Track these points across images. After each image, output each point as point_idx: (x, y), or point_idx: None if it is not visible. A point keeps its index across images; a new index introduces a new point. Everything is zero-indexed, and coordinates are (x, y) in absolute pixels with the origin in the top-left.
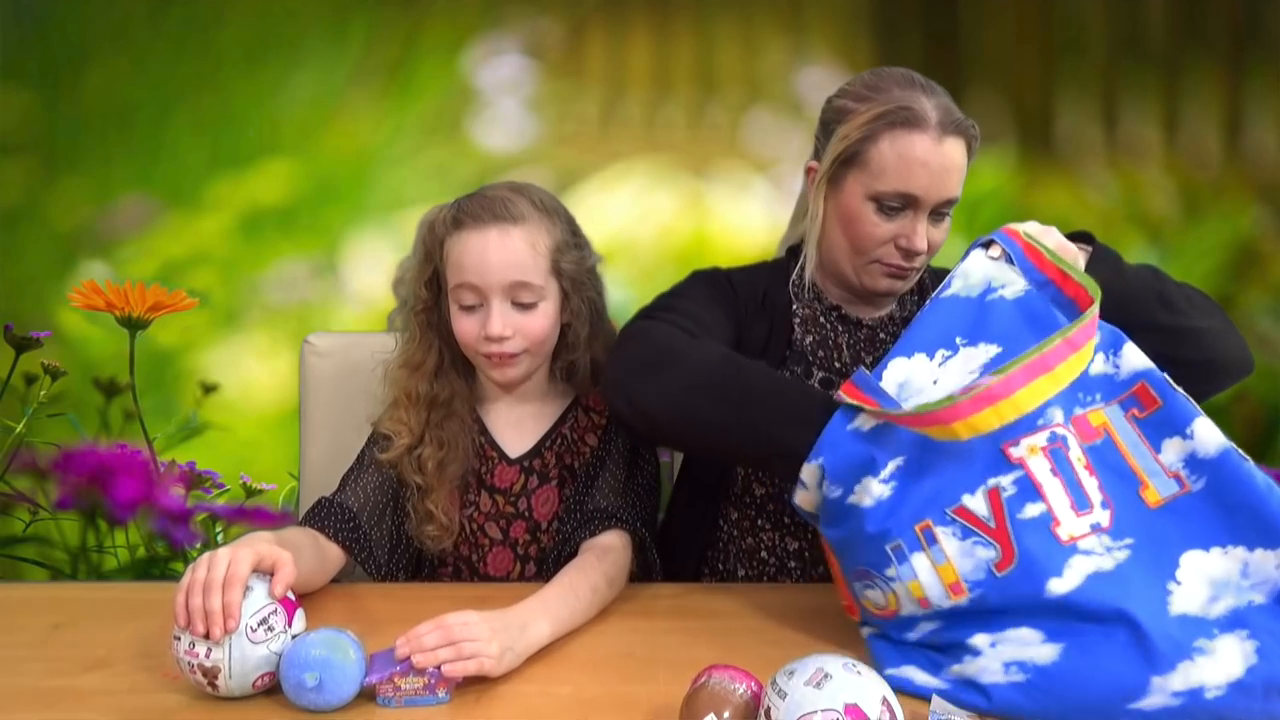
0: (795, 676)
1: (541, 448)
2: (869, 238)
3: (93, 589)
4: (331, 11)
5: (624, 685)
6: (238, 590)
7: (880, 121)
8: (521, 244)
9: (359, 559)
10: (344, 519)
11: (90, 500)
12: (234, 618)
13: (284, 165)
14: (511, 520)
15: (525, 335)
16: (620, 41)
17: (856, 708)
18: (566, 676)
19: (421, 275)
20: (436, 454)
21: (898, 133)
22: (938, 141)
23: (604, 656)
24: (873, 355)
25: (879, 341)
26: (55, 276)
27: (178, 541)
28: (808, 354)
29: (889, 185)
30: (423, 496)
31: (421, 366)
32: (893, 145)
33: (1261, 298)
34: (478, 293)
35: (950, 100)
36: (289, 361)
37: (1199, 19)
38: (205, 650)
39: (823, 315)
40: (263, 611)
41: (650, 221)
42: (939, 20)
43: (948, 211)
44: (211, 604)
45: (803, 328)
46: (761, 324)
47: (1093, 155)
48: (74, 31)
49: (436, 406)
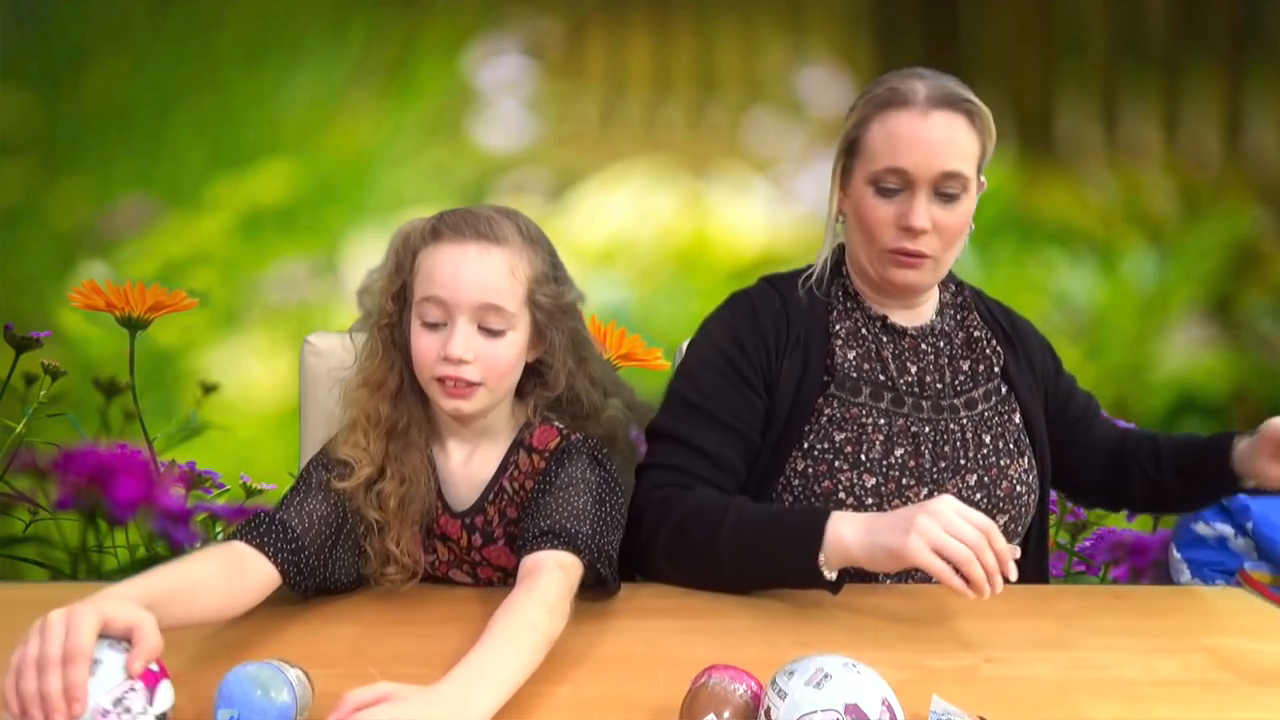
0: (795, 676)
1: (484, 502)
2: (874, 222)
3: (93, 589)
4: (331, 11)
5: (624, 685)
6: (81, 667)
7: (870, 106)
8: (500, 265)
9: (293, 585)
10: (285, 538)
11: (90, 500)
12: (79, 701)
13: (284, 165)
14: (476, 565)
15: (487, 364)
16: (620, 41)
17: (856, 707)
18: (566, 676)
19: (389, 287)
20: (398, 490)
21: (886, 113)
22: (924, 115)
23: (604, 656)
24: (918, 365)
25: (921, 352)
26: (55, 276)
27: (178, 541)
28: (850, 372)
29: (880, 164)
30: (381, 535)
31: (382, 386)
32: (882, 126)
33: (1261, 298)
34: (444, 309)
35: (957, 84)
36: (289, 361)
37: (1199, 19)
38: None
39: (865, 327)
40: (116, 690)
41: (650, 221)
42: (939, 20)
43: (955, 191)
44: (48, 686)
45: (844, 348)
46: (797, 356)
47: (1093, 155)
48: (74, 31)
49: (395, 435)
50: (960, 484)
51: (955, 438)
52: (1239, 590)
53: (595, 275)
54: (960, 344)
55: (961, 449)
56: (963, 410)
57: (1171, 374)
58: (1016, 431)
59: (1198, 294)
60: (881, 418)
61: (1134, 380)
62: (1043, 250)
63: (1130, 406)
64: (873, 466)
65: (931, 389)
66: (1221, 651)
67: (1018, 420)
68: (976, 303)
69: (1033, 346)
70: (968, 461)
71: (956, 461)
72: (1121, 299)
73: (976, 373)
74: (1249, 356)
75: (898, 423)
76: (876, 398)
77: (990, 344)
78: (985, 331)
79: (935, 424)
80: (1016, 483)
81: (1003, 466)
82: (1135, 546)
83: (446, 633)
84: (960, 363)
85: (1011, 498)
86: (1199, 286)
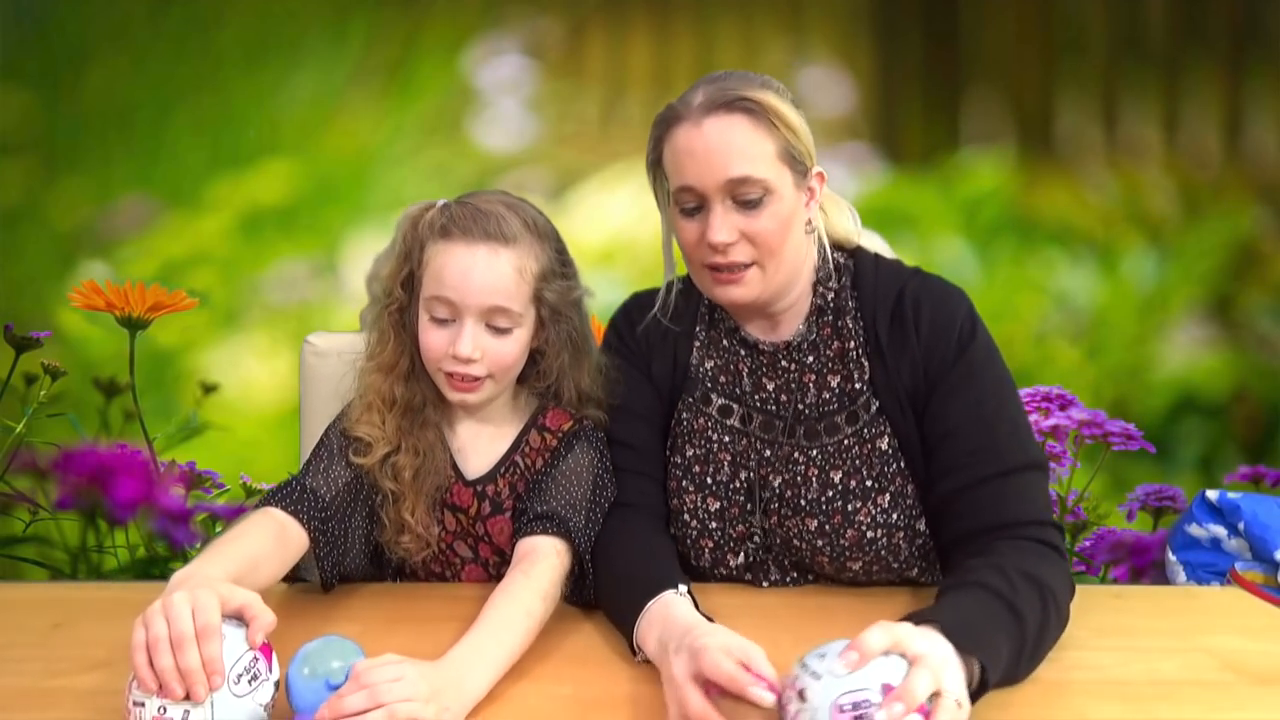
0: (828, 658)
1: (496, 473)
2: (685, 244)
3: (93, 589)
4: (331, 11)
5: (625, 685)
6: (215, 643)
7: (661, 125)
8: (508, 268)
9: (319, 554)
10: (316, 507)
11: (90, 500)
12: (219, 673)
13: (284, 165)
14: (478, 540)
15: (493, 360)
16: (620, 41)
17: (892, 687)
18: (567, 676)
19: (397, 273)
20: (412, 462)
21: (670, 131)
22: (696, 125)
23: (605, 656)
24: (775, 382)
25: (780, 368)
26: (55, 276)
27: (178, 541)
28: (705, 379)
29: (674, 184)
30: (397, 505)
31: (394, 368)
32: (670, 145)
33: (1261, 298)
34: (452, 309)
35: (744, 83)
36: (289, 361)
37: (1199, 19)
38: (181, 713)
39: (725, 338)
40: (244, 661)
41: (650, 221)
42: (939, 20)
43: (754, 196)
44: (188, 661)
45: (701, 352)
46: (666, 358)
47: (1093, 155)
48: (74, 31)
49: (409, 412)
50: (800, 527)
51: (798, 473)
52: (1238, 590)
53: (595, 275)
54: (831, 357)
55: (803, 488)
56: (823, 437)
57: (1171, 374)
58: (881, 462)
59: (1198, 294)
60: (727, 435)
61: (1134, 380)
62: (1043, 250)
63: (1130, 406)
64: (718, 490)
65: (787, 409)
66: (1221, 651)
67: (885, 446)
68: (860, 298)
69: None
70: (808, 504)
71: (797, 501)
72: (1121, 299)
73: (845, 390)
74: (1249, 356)
75: (742, 443)
76: (725, 412)
77: (857, 355)
78: (856, 339)
79: (780, 452)
80: (866, 528)
81: (849, 512)
82: (1135, 546)
83: (446, 632)
84: (828, 378)
85: (859, 545)
86: (1199, 286)
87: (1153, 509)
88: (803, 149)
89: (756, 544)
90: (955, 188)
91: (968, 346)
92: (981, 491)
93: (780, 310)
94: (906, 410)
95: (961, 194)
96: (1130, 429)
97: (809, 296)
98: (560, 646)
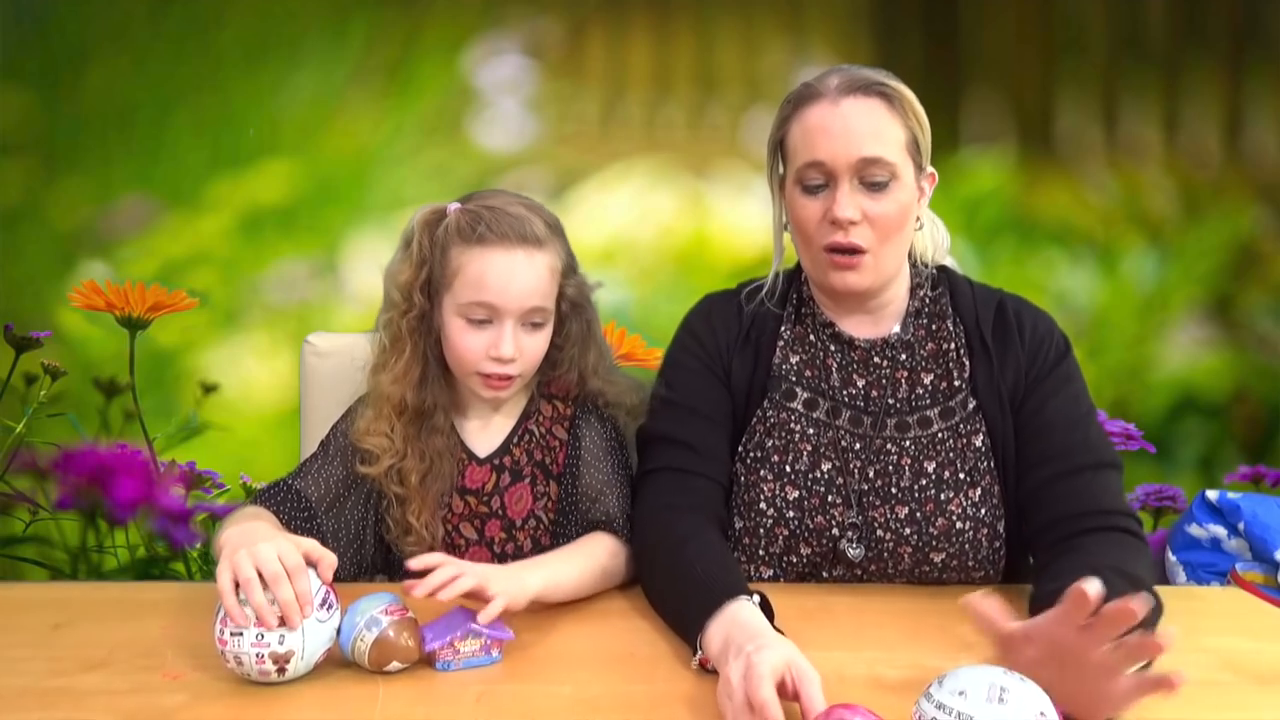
0: (967, 696)
1: (510, 444)
2: (804, 221)
3: (93, 589)
4: (331, 11)
5: (626, 685)
6: (304, 578)
7: (789, 106)
8: (544, 269)
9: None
10: (299, 506)
11: (90, 500)
12: (310, 603)
13: (284, 165)
14: (485, 520)
15: (527, 357)
16: (620, 41)
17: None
18: (568, 676)
19: (416, 279)
20: (419, 467)
21: (801, 111)
22: (834, 104)
23: (606, 656)
24: (865, 379)
25: (873, 364)
26: (55, 276)
27: (178, 541)
28: (789, 375)
29: (801, 160)
30: (402, 508)
31: (408, 374)
32: (799, 123)
33: (1261, 298)
34: (492, 311)
35: (877, 72)
36: (289, 361)
37: (1199, 19)
38: (278, 638)
39: (813, 333)
40: (320, 593)
41: (650, 221)
42: (939, 20)
43: (882, 179)
44: (285, 594)
45: (786, 349)
46: (746, 361)
47: (1093, 155)
48: (74, 31)
49: (419, 417)
50: (889, 514)
51: (890, 462)
52: (1238, 591)
53: (595, 275)
54: (926, 356)
55: (895, 476)
56: (914, 429)
57: (1171, 374)
58: (974, 457)
59: (1198, 294)
60: (811, 427)
61: (1134, 380)
62: (1043, 250)
63: (1130, 406)
64: (797, 479)
65: (878, 404)
66: (1221, 651)
67: (979, 443)
68: (959, 305)
69: (1014, 352)
70: (900, 492)
71: (887, 489)
72: (1121, 299)
73: (939, 388)
74: (1249, 356)
75: (828, 435)
76: (811, 405)
77: (957, 355)
78: (956, 340)
79: (870, 443)
80: (957, 519)
81: (941, 501)
82: None
83: None
84: (922, 376)
85: (948, 535)
86: (1199, 286)
87: (1153, 509)
88: (925, 145)
89: (835, 535)
90: (955, 188)
91: (1065, 355)
92: (1077, 480)
93: (882, 305)
94: (1005, 409)
95: (962, 194)
96: (1130, 429)
97: (907, 298)
98: (561, 646)
